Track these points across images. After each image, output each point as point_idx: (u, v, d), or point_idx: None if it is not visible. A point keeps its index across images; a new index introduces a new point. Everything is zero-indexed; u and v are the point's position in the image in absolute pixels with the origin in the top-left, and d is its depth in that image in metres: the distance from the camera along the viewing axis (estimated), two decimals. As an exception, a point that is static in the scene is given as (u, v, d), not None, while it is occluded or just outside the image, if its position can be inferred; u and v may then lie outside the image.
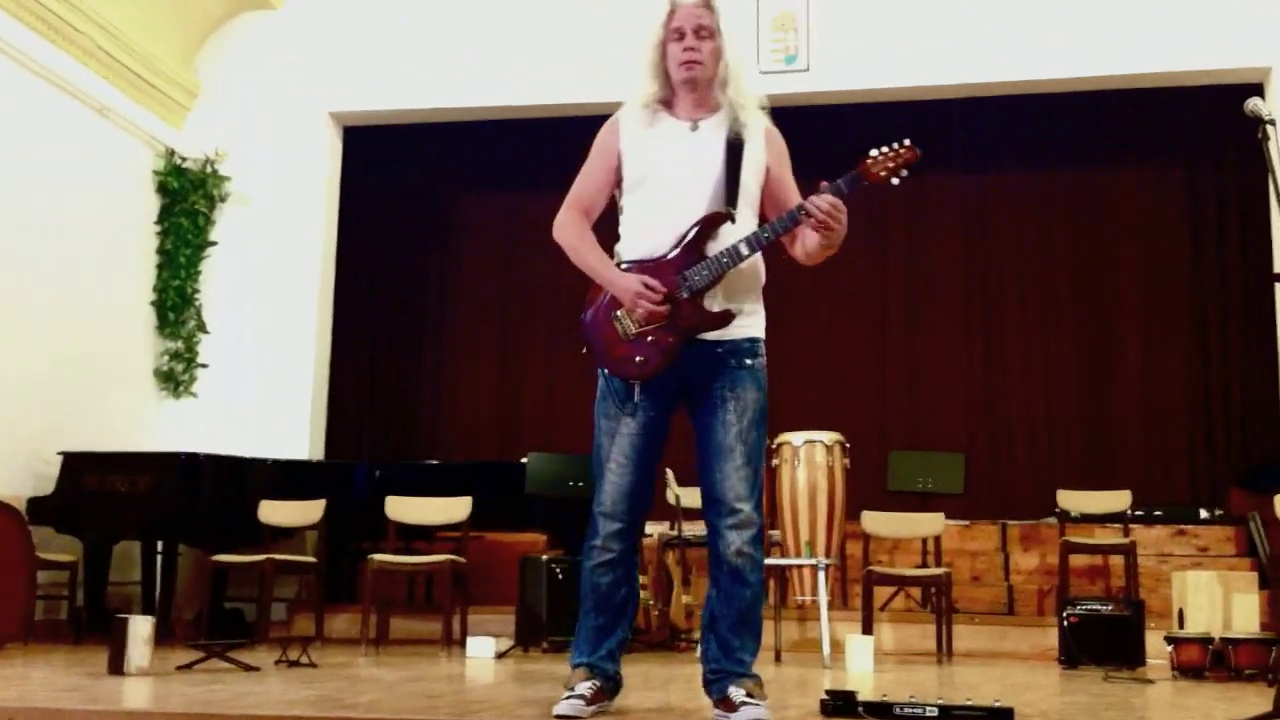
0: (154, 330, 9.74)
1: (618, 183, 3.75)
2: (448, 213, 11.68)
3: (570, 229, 3.75)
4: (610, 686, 3.67)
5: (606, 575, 3.65)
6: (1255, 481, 9.08)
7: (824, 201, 3.46)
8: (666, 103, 3.72)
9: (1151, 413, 10.40)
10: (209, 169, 9.88)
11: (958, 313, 10.88)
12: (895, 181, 3.54)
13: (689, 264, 3.55)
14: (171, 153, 9.84)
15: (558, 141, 11.03)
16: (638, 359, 3.58)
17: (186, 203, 9.78)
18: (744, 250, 3.52)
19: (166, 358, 9.76)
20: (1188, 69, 9.06)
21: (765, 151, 3.69)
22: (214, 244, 9.91)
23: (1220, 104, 9.34)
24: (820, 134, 8.06)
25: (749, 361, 3.61)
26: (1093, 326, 10.65)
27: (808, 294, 10.48)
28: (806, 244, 3.64)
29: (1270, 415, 9.58)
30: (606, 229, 3.78)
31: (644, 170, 3.67)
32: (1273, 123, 4.04)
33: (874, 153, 3.54)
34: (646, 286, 3.52)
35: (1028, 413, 10.65)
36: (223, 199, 9.94)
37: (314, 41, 10.06)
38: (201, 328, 9.82)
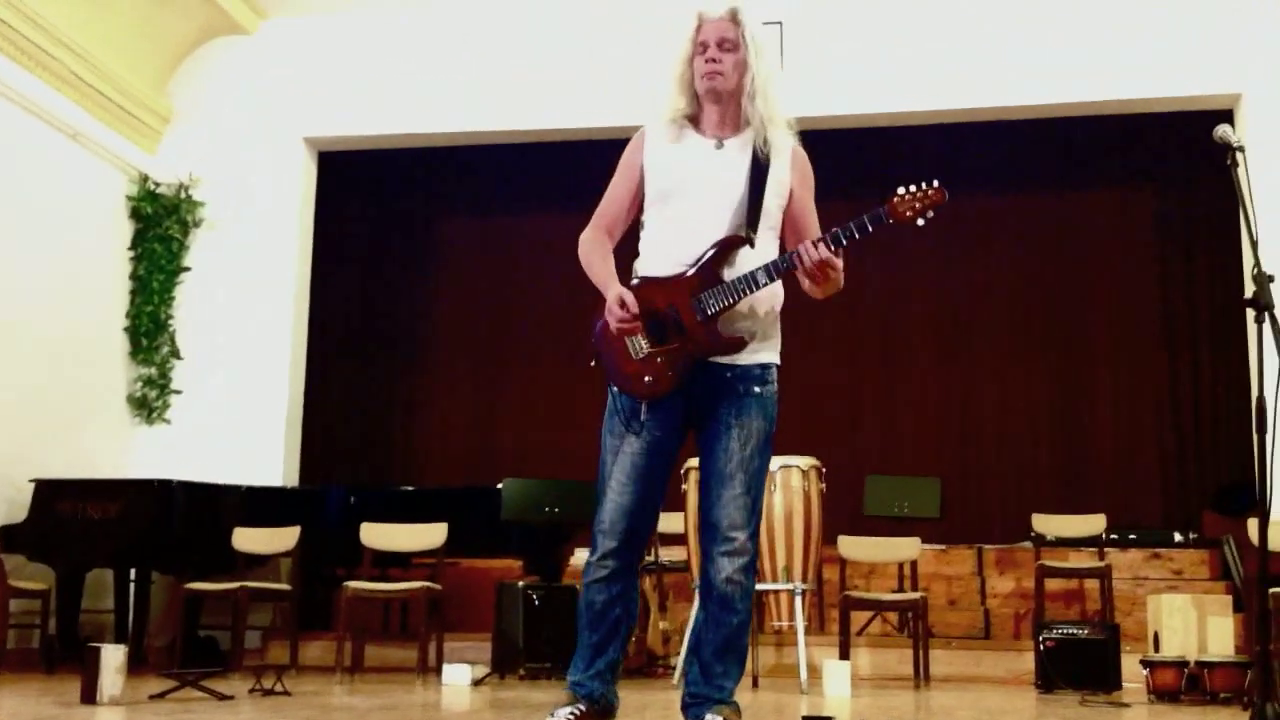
0: (127, 356, 9.69)
1: (641, 199, 3.72)
2: (423, 237, 11.69)
3: (589, 245, 3.73)
4: (599, 708, 3.61)
5: (601, 593, 3.62)
6: (1227, 504, 9.13)
7: (809, 258, 3.45)
8: (693, 119, 3.69)
9: (1123, 436, 10.49)
10: (183, 194, 9.85)
11: (930, 336, 10.94)
12: (921, 223, 3.47)
13: (705, 286, 3.53)
14: (145, 178, 9.81)
15: (534, 166, 11.18)
16: (647, 379, 3.56)
17: (160, 228, 9.74)
18: (762, 279, 3.50)
19: (140, 384, 9.71)
20: (1158, 95, 9.14)
21: (790, 173, 3.67)
22: (188, 269, 9.87)
23: (1189, 129, 9.44)
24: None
25: (757, 389, 3.61)
26: (1064, 350, 10.72)
27: (780, 317, 10.51)
28: (806, 283, 3.64)
29: (1241, 437, 9.63)
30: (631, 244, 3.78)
31: (666, 187, 3.64)
32: (1241, 149, 4.08)
33: (901, 191, 3.47)
34: (620, 304, 3.50)
35: (1001, 436, 10.71)
36: (196, 224, 9.90)
37: (288, 66, 10.05)
38: (175, 354, 9.78)
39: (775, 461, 7.63)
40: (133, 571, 8.26)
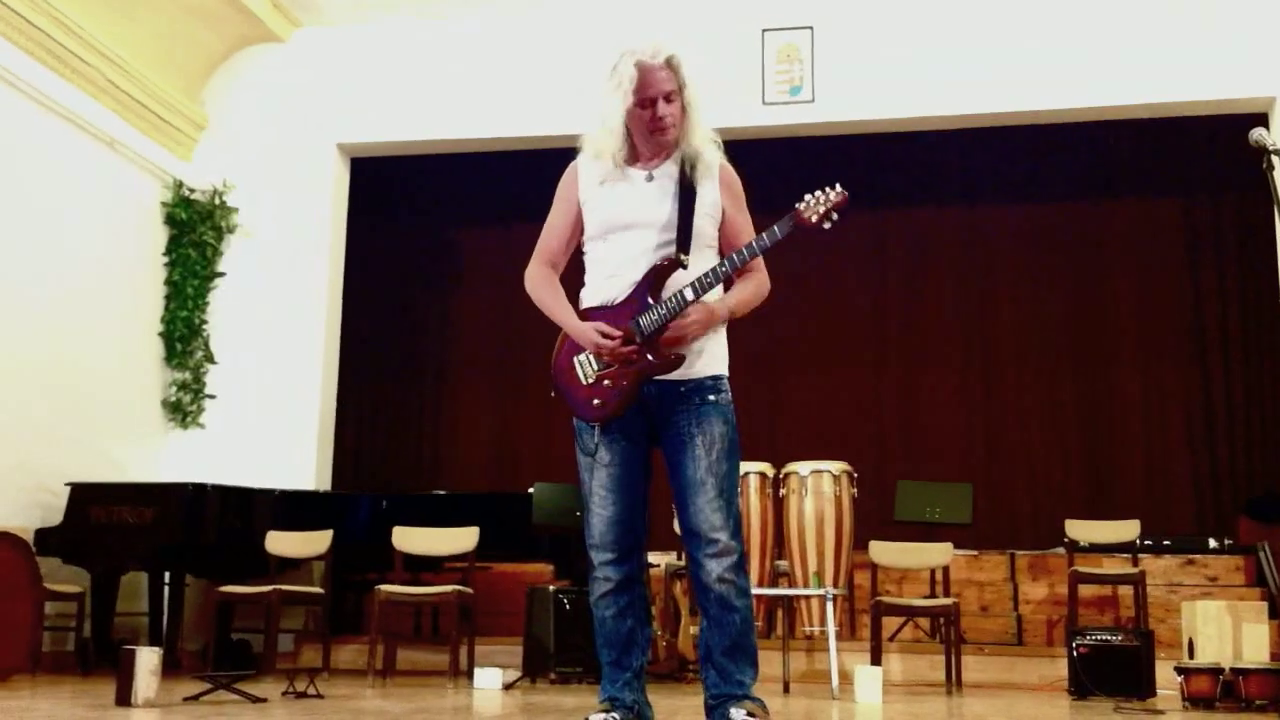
0: (161, 361, 9.76)
1: (580, 230, 3.81)
2: (453, 244, 11.75)
3: (536, 281, 3.86)
4: (632, 716, 3.65)
5: (609, 607, 3.68)
6: (1262, 511, 9.06)
7: (685, 295, 3.55)
8: (624, 155, 3.73)
9: (1155, 442, 10.42)
10: (217, 200, 9.92)
11: (961, 342, 10.91)
12: (827, 226, 3.58)
13: (642, 309, 3.61)
14: (179, 184, 9.89)
15: (561, 174, 11.17)
16: (595, 401, 3.68)
17: (194, 234, 9.81)
18: (689, 295, 3.58)
19: (174, 389, 9.78)
20: (1191, 99, 9.08)
21: (720, 192, 3.74)
22: (222, 275, 9.94)
23: (1219, 134, 9.39)
24: (823, 164, 8.12)
25: (712, 398, 3.66)
26: (1093, 356, 10.67)
27: (809, 326, 10.52)
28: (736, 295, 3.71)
29: (1276, 444, 9.57)
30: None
31: (603, 220, 3.73)
32: (1278, 153, 4.04)
33: (807, 198, 3.59)
34: (603, 334, 3.60)
35: (1030, 443, 10.66)
36: (230, 230, 9.97)
37: (320, 73, 10.11)
38: (209, 359, 9.84)
39: (806, 466, 7.66)
40: (167, 575, 8.31)
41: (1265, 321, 10.06)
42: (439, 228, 11.71)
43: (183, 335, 9.75)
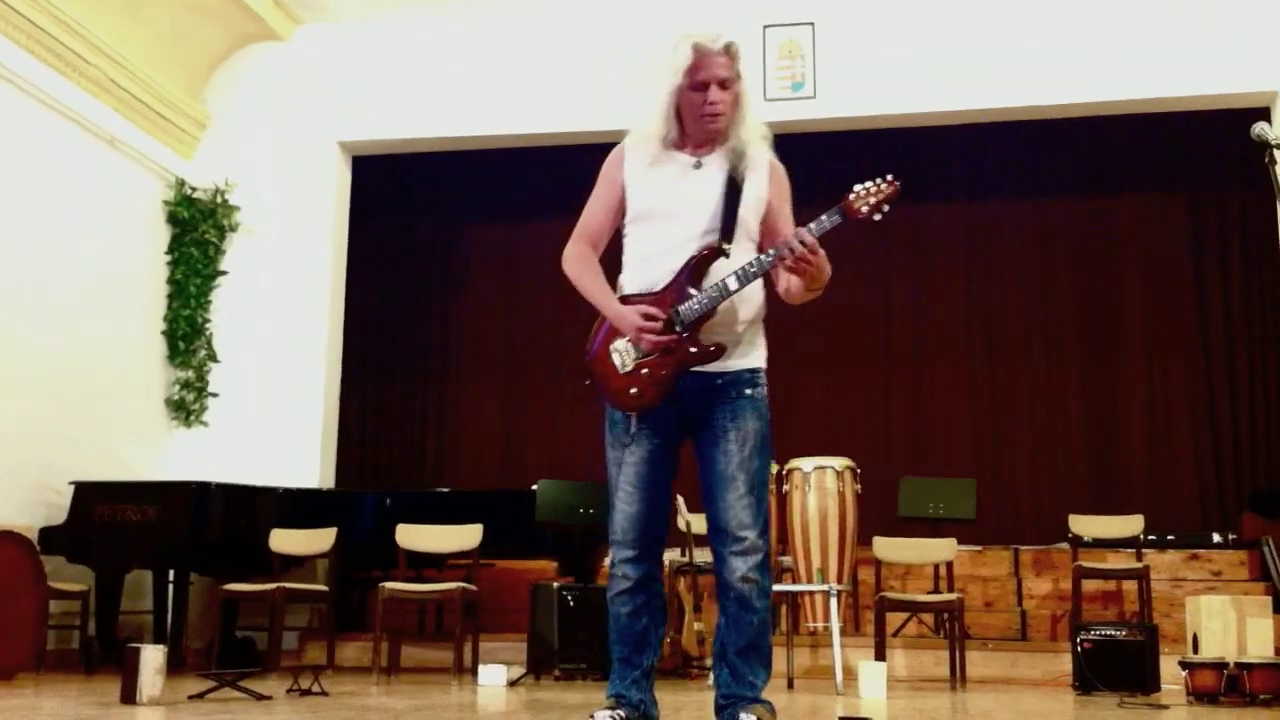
0: (165, 359, 9.77)
1: (622, 212, 3.76)
2: (455, 242, 11.75)
3: (575, 261, 3.77)
4: (639, 715, 3.65)
5: (626, 604, 3.67)
6: (1267, 505, 9.06)
7: (797, 243, 3.46)
8: (673, 139, 3.70)
9: (1159, 437, 10.42)
10: (219, 199, 9.92)
11: (963, 338, 10.90)
12: (877, 218, 3.53)
13: (683, 298, 3.57)
14: (181, 183, 9.89)
15: (564, 171, 11.08)
16: (633, 391, 3.61)
17: (196, 232, 9.82)
18: (732, 285, 3.53)
19: (177, 387, 9.78)
20: (1193, 94, 9.06)
21: (768, 187, 3.70)
22: (224, 273, 9.95)
23: (1222, 128, 9.39)
24: (826, 160, 8.10)
25: (749, 391, 3.63)
26: (1098, 351, 10.67)
27: (814, 322, 10.47)
28: (790, 284, 3.66)
29: (1279, 438, 9.56)
30: (614, 257, 3.79)
31: (646, 204, 3.68)
32: (1279, 146, 4.05)
33: (858, 188, 3.53)
34: (646, 318, 3.55)
35: (1036, 438, 10.66)
36: (233, 229, 9.98)
37: (322, 71, 10.11)
38: (212, 357, 9.85)
39: (809, 463, 7.66)
40: (171, 573, 8.31)
41: (1270, 316, 10.06)
42: (441, 225, 11.71)
43: (186, 334, 9.75)
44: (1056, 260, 10.88)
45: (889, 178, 3.53)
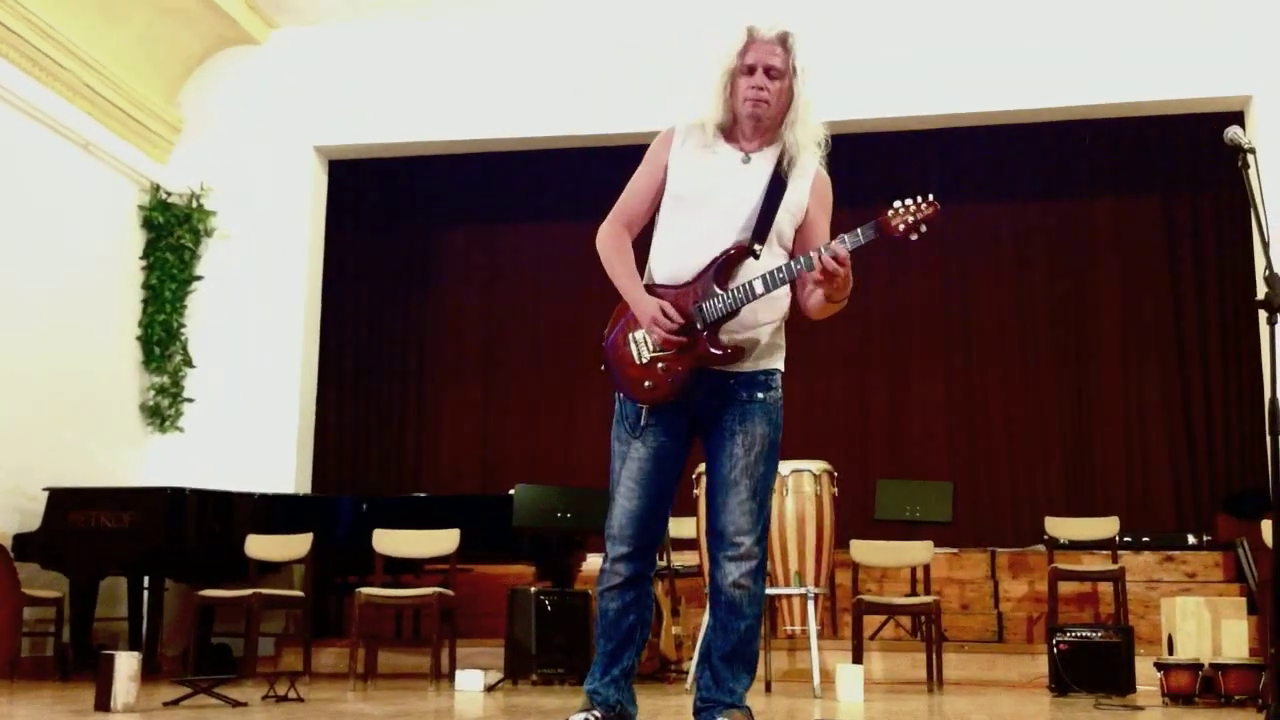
0: (140, 365, 9.72)
1: (662, 194, 3.70)
2: (431, 245, 11.72)
3: (608, 241, 3.71)
4: (615, 715, 3.62)
5: (615, 601, 3.64)
6: (1241, 507, 9.10)
7: (828, 255, 3.42)
8: (724, 125, 3.67)
9: (1135, 439, 10.47)
10: (194, 203, 9.88)
11: (940, 340, 10.94)
12: (914, 238, 3.48)
13: (707, 295, 3.53)
14: (156, 188, 9.84)
15: (541, 174, 11.19)
16: (646, 384, 3.57)
17: (172, 237, 9.77)
18: (758, 288, 3.49)
19: (152, 392, 9.73)
20: (1167, 98, 9.11)
21: (809, 196, 3.66)
22: (200, 278, 9.90)
23: (1197, 132, 9.44)
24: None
25: (761, 395, 3.59)
26: (1073, 354, 10.72)
27: (790, 324, 10.48)
28: (813, 296, 3.61)
29: (1254, 440, 9.61)
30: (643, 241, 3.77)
31: (685, 189, 3.63)
32: (1253, 151, 4.08)
33: (896, 205, 3.48)
34: (664, 313, 3.50)
35: (1012, 440, 10.70)
36: (208, 233, 9.93)
37: (297, 76, 10.07)
38: (188, 362, 9.80)
39: (786, 466, 7.65)
40: (146, 579, 8.26)
41: (1244, 319, 10.11)
42: (418, 229, 11.69)
43: (161, 339, 9.70)
44: (1032, 263, 10.92)
45: (930, 198, 3.47)
